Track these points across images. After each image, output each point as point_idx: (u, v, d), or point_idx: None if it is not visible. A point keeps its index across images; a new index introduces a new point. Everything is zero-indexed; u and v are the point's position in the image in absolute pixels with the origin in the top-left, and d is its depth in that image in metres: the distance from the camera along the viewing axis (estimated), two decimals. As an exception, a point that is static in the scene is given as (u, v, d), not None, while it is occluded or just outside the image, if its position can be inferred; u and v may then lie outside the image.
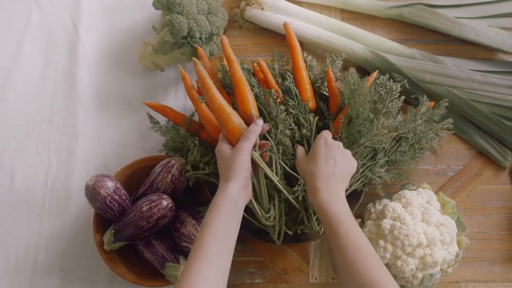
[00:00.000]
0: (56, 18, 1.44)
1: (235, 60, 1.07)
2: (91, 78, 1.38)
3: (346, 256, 0.86)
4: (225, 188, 0.93)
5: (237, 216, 0.94)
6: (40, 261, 1.21)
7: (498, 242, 1.23)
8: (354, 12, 1.45)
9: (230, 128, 1.00)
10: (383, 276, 0.83)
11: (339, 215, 0.91)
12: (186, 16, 1.21)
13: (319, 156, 0.99)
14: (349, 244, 0.87)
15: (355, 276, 0.84)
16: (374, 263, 0.85)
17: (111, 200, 1.08)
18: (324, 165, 0.98)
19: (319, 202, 0.93)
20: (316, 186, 0.95)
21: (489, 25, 1.38)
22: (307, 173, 0.99)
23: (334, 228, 0.89)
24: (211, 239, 0.87)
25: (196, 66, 1.06)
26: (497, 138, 1.30)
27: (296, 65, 1.14)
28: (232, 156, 0.96)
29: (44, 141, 1.31)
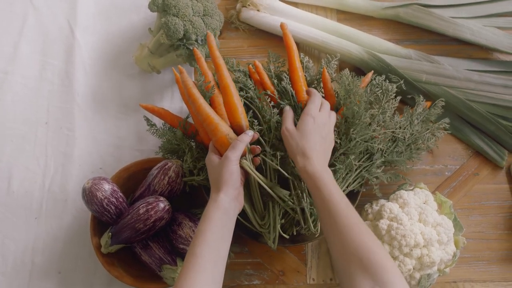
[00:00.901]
0: (52, 20, 1.44)
1: (222, 64, 1.06)
2: (87, 80, 1.38)
3: (337, 223, 0.87)
4: (216, 198, 0.94)
5: (229, 226, 0.94)
6: (38, 263, 1.20)
7: (495, 242, 1.24)
8: (350, 12, 1.45)
9: (218, 138, 1.00)
10: (373, 245, 0.83)
11: (330, 185, 0.92)
12: (181, 18, 1.21)
13: (309, 132, 1.00)
14: (341, 212, 0.88)
15: (346, 243, 0.84)
16: (365, 231, 0.86)
17: (108, 203, 1.08)
18: (314, 141, 0.99)
19: (312, 170, 0.94)
20: (308, 156, 0.96)
21: (485, 25, 1.38)
22: (299, 146, 0.99)
23: (325, 197, 0.91)
24: (204, 248, 0.87)
25: (182, 75, 1.06)
26: (494, 137, 1.30)
27: (293, 66, 1.14)
28: (220, 167, 0.96)
29: (41, 144, 1.31)
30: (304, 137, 0.99)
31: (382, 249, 0.84)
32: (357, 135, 1.08)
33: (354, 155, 1.10)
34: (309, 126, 1.00)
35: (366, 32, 1.40)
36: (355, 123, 1.08)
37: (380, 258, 0.81)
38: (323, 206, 0.91)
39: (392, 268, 0.80)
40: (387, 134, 1.14)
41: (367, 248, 0.82)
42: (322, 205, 0.91)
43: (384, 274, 0.78)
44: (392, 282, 0.77)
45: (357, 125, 1.08)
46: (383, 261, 0.80)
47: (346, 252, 0.84)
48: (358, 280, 0.79)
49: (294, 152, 0.99)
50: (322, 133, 1.01)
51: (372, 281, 0.78)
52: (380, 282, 0.77)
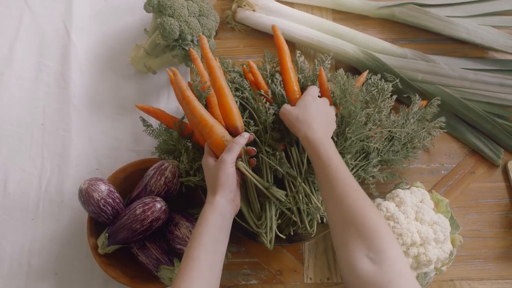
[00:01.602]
0: (48, 22, 1.44)
1: (216, 66, 1.06)
2: (83, 82, 1.38)
3: (335, 190, 0.87)
4: (212, 201, 0.94)
5: (225, 228, 0.94)
6: (35, 265, 1.20)
7: (492, 240, 1.24)
8: (345, 12, 1.46)
9: (214, 140, 1.00)
10: (369, 211, 0.83)
11: (330, 151, 0.93)
12: (177, 19, 1.21)
13: (309, 106, 1.03)
14: (339, 179, 0.88)
15: (343, 210, 0.84)
16: (362, 198, 0.86)
17: (105, 204, 1.08)
18: (314, 113, 1.01)
19: (313, 136, 0.96)
20: (309, 124, 0.98)
21: (480, 24, 1.38)
22: (299, 117, 1.00)
23: (325, 163, 0.91)
24: (201, 251, 0.87)
25: (176, 77, 1.05)
26: (490, 136, 1.31)
27: (284, 67, 1.14)
28: (216, 170, 0.96)
29: (37, 145, 1.31)
30: (304, 109, 1.02)
31: (378, 216, 0.83)
32: (352, 134, 1.08)
33: (350, 155, 1.10)
34: (309, 102, 1.04)
35: (361, 32, 1.40)
36: (351, 122, 1.08)
37: (376, 224, 0.80)
38: (322, 173, 0.91)
39: (387, 235, 0.79)
40: (383, 133, 1.14)
41: (363, 215, 0.81)
42: (321, 172, 0.92)
43: (378, 241, 0.77)
44: (386, 250, 0.76)
45: (352, 124, 1.08)
46: (378, 228, 0.79)
47: (343, 218, 0.83)
48: (352, 246, 0.78)
49: (294, 123, 1.00)
50: (319, 108, 1.03)
51: (366, 248, 0.77)
52: (374, 249, 0.76)
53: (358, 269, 0.75)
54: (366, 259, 0.76)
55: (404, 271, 0.75)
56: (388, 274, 0.73)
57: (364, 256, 0.76)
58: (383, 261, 0.74)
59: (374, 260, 0.75)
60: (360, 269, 0.75)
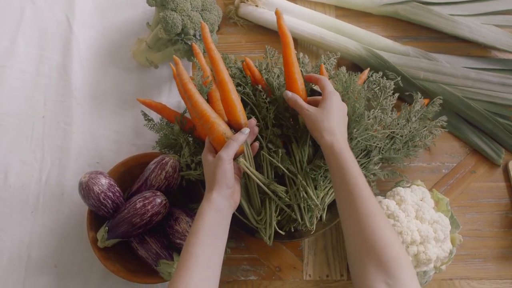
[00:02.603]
0: (50, 14, 1.44)
1: (219, 58, 1.02)
2: (85, 75, 1.38)
3: (358, 210, 0.87)
4: (209, 198, 0.93)
5: (223, 224, 0.94)
6: (34, 258, 1.20)
7: (491, 240, 1.24)
8: (348, 9, 1.45)
9: (215, 137, 0.98)
10: (391, 237, 0.83)
11: (355, 168, 0.92)
12: (180, 13, 1.21)
13: (336, 110, 1.01)
14: (364, 200, 0.88)
15: (365, 232, 0.84)
16: (385, 223, 0.86)
17: (105, 197, 1.08)
18: (338, 120, 1.00)
19: (339, 148, 0.94)
20: (335, 133, 0.97)
21: (483, 23, 1.38)
22: (324, 123, 0.98)
23: (351, 180, 0.90)
24: (198, 247, 0.87)
25: (177, 67, 1.02)
26: (491, 135, 1.30)
27: (288, 59, 1.07)
28: (214, 166, 0.95)
29: (38, 138, 1.31)
30: (330, 115, 0.99)
31: (399, 243, 0.84)
32: (359, 135, 1.08)
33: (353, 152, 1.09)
34: (335, 104, 1.01)
35: (364, 29, 1.40)
36: (356, 121, 1.08)
37: (396, 252, 0.81)
38: (345, 189, 0.91)
39: (406, 263, 0.81)
40: (384, 131, 1.14)
41: (385, 241, 0.82)
42: (345, 187, 0.91)
43: (398, 270, 0.79)
44: (404, 278, 0.78)
45: (360, 125, 1.08)
46: (399, 256, 0.81)
47: (364, 241, 0.84)
48: (371, 271, 0.79)
49: (320, 131, 0.98)
50: (344, 112, 1.03)
51: (385, 275, 0.78)
52: (392, 277, 0.78)
53: None
54: (384, 285, 0.78)
55: None
56: None
57: (382, 282, 0.78)
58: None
59: (392, 286, 0.77)
60: None
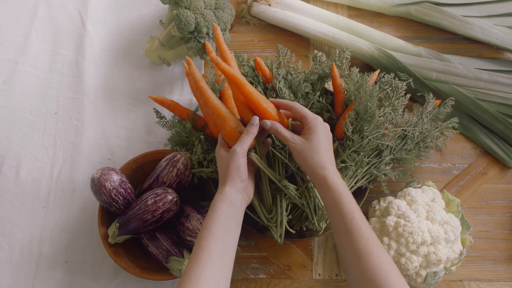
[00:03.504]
0: (63, 11, 1.45)
1: (231, 58, 1.03)
2: (97, 72, 1.38)
3: (357, 245, 0.85)
4: (222, 191, 0.94)
5: (236, 218, 0.94)
6: (45, 253, 1.21)
7: (502, 242, 1.23)
8: (361, 9, 1.45)
9: (228, 131, 0.99)
10: (392, 270, 0.83)
11: (350, 201, 0.90)
12: (193, 11, 1.21)
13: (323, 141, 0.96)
14: (362, 234, 0.86)
15: (366, 267, 0.83)
16: (384, 256, 0.85)
17: (117, 193, 1.08)
18: (328, 150, 0.96)
19: (332, 182, 0.91)
20: (326, 167, 0.93)
21: (496, 24, 1.38)
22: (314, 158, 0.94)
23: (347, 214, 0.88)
24: (211, 240, 0.87)
25: (190, 67, 1.03)
26: (503, 137, 1.30)
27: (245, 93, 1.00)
28: (227, 160, 0.95)
29: (50, 134, 1.32)
30: (319, 147, 0.95)
31: (400, 275, 0.83)
32: (370, 133, 1.08)
33: (364, 152, 1.10)
34: (323, 133, 0.97)
35: (376, 29, 1.39)
36: (367, 120, 1.08)
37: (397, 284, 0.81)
38: (341, 223, 0.89)
39: None
40: (396, 131, 1.14)
41: (387, 275, 0.81)
42: (340, 222, 0.89)
43: None
44: None
45: (370, 123, 1.08)
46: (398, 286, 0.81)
47: (363, 275, 0.83)
48: None
49: (310, 165, 0.94)
50: (329, 134, 0.99)
51: None
52: None
53: None
54: None
55: None
56: None
57: None
58: None
59: None
60: None
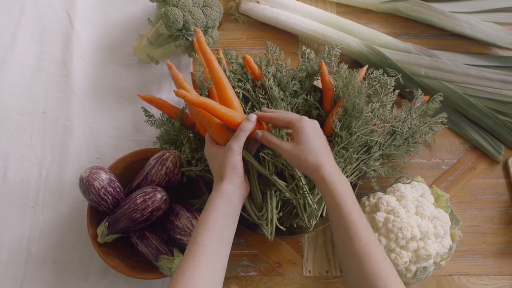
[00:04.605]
0: (51, 9, 1.44)
1: (213, 59, 1.03)
2: (85, 70, 1.37)
3: (356, 247, 0.84)
4: (219, 188, 0.93)
5: (233, 214, 0.94)
6: (34, 253, 1.20)
7: (491, 236, 1.24)
8: (349, 6, 1.45)
9: (215, 129, 1.00)
10: (391, 274, 0.83)
11: (350, 201, 0.88)
12: (181, 9, 1.21)
13: (312, 140, 0.93)
14: (361, 236, 0.85)
15: (365, 271, 0.82)
16: (383, 258, 0.84)
17: (105, 193, 1.08)
18: (319, 146, 0.94)
19: (328, 179, 0.89)
20: (322, 164, 0.91)
21: (483, 20, 1.38)
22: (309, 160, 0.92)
23: (346, 215, 0.87)
24: (207, 236, 0.87)
25: (171, 70, 1.05)
26: (491, 132, 1.31)
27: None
28: (223, 157, 0.95)
29: (38, 133, 1.31)
30: (311, 147, 0.93)
31: (398, 279, 0.83)
32: (358, 129, 1.08)
33: (353, 148, 1.10)
34: (311, 133, 0.94)
35: (365, 26, 1.39)
36: (355, 116, 1.08)
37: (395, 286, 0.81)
38: (340, 223, 0.87)
39: None
40: (385, 127, 1.14)
41: (386, 279, 0.81)
42: (341, 224, 0.87)
43: None
44: None
45: (358, 119, 1.08)
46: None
47: (364, 279, 0.82)
48: None
49: (306, 167, 0.93)
50: (319, 131, 0.97)
51: None
52: None
53: None
54: None
55: None
56: None
57: None
58: None
59: None
60: None
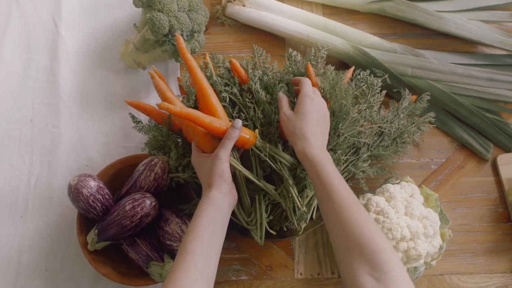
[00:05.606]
0: (37, 16, 1.43)
1: (195, 67, 1.04)
2: (72, 77, 1.37)
3: (336, 207, 0.86)
4: (208, 195, 0.94)
5: (222, 221, 0.94)
6: (24, 262, 1.20)
7: (481, 234, 1.24)
8: (335, 7, 1.46)
9: (200, 138, 1.00)
10: (371, 229, 0.83)
11: (328, 168, 0.91)
12: (166, 14, 1.21)
13: (308, 113, 0.98)
14: (339, 196, 0.87)
15: (345, 227, 0.84)
16: (363, 215, 0.86)
17: (94, 200, 1.08)
18: (312, 123, 0.98)
19: (310, 153, 0.93)
20: (307, 138, 0.95)
21: (469, 18, 1.39)
22: (297, 129, 0.97)
23: (324, 180, 0.90)
24: (196, 244, 0.87)
25: (154, 80, 1.07)
26: (479, 130, 1.31)
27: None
28: (211, 166, 0.95)
29: (26, 141, 1.30)
30: (303, 119, 0.98)
31: (380, 233, 0.83)
32: (345, 131, 1.08)
33: (341, 150, 1.10)
34: (308, 108, 0.99)
35: (351, 27, 1.40)
36: (342, 118, 1.08)
37: (378, 242, 0.81)
38: (321, 190, 0.90)
39: (389, 253, 0.80)
40: (373, 128, 1.14)
41: (365, 233, 0.82)
42: (321, 189, 0.90)
43: (382, 261, 0.78)
44: (389, 268, 0.77)
45: (345, 120, 1.08)
46: (380, 245, 0.80)
47: (344, 236, 0.83)
48: (356, 265, 0.79)
49: (293, 136, 0.98)
50: (319, 113, 1.01)
51: (368, 266, 0.78)
52: (377, 267, 0.77)
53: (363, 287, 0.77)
54: (369, 277, 0.77)
55: (407, 285, 0.77)
56: None
57: (367, 274, 0.77)
58: (387, 279, 0.76)
59: (377, 278, 0.76)
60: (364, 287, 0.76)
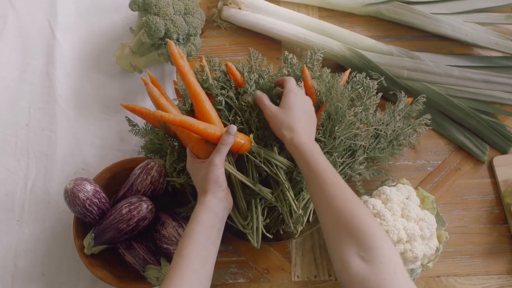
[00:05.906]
0: (32, 20, 1.43)
1: (188, 72, 1.03)
2: (69, 81, 1.37)
3: (324, 192, 0.87)
4: (203, 201, 0.94)
5: (218, 227, 0.94)
6: (21, 266, 1.19)
7: (477, 236, 1.24)
8: (331, 10, 1.46)
9: (195, 144, 1.01)
10: (359, 210, 0.83)
11: (316, 154, 0.93)
12: (162, 17, 1.21)
13: (294, 106, 1.00)
14: (327, 181, 0.88)
15: (333, 211, 0.84)
16: (351, 198, 0.86)
17: (91, 204, 1.07)
18: (298, 115, 1.00)
19: (298, 141, 0.95)
20: (294, 128, 0.97)
21: (465, 21, 1.39)
22: (284, 121, 0.99)
23: (312, 166, 0.91)
24: (191, 249, 0.87)
25: (147, 87, 1.08)
26: (475, 132, 1.31)
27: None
28: (206, 172, 0.96)
29: (22, 146, 1.30)
30: (289, 112, 0.99)
31: (368, 215, 0.83)
32: (341, 134, 1.08)
33: (337, 153, 1.10)
34: (293, 101, 1.01)
35: (347, 29, 1.40)
36: (338, 120, 1.08)
37: (366, 223, 0.80)
38: (310, 177, 0.91)
39: (377, 233, 0.79)
40: (369, 130, 1.14)
41: (353, 214, 0.81)
42: (309, 176, 0.91)
43: (369, 240, 0.77)
44: (377, 247, 0.76)
45: (341, 123, 1.08)
46: (368, 226, 0.79)
47: (334, 220, 0.83)
48: (344, 246, 0.78)
49: (280, 128, 0.99)
50: (305, 107, 1.02)
51: (357, 247, 0.77)
52: (366, 248, 0.76)
53: (351, 267, 0.76)
54: (357, 258, 0.76)
55: (396, 267, 0.75)
56: (379, 271, 0.74)
57: (355, 255, 0.76)
58: (375, 259, 0.75)
59: (365, 258, 0.75)
60: (352, 267, 0.75)
